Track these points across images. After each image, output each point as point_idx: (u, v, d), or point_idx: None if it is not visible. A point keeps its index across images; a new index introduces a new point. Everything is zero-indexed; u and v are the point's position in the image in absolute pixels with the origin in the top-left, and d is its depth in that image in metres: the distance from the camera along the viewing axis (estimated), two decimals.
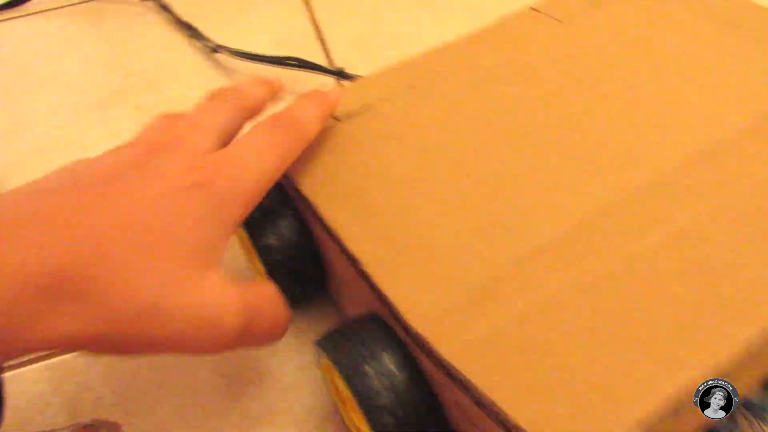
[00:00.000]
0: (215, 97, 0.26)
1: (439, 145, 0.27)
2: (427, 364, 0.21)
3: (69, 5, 0.56)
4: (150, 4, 0.54)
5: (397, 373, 0.21)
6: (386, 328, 0.22)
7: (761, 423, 0.25)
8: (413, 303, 0.21)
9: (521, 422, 0.17)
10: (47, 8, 0.56)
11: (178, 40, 0.51)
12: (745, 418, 0.25)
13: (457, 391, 0.19)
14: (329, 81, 0.43)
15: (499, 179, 0.24)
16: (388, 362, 0.21)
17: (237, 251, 0.33)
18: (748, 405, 0.25)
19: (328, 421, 0.27)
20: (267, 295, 0.23)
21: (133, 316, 0.19)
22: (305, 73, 0.43)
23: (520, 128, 0.27)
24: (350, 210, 0.25)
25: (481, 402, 0.18)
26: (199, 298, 0.20)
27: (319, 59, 0.45)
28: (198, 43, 0.49)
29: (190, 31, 0.49)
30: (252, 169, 0.22)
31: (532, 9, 0.34)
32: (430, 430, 0.22)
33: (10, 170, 0.41)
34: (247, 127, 0.25)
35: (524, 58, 0.31)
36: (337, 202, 0.25)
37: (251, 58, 0.44)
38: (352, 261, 0.23)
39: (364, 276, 0.23)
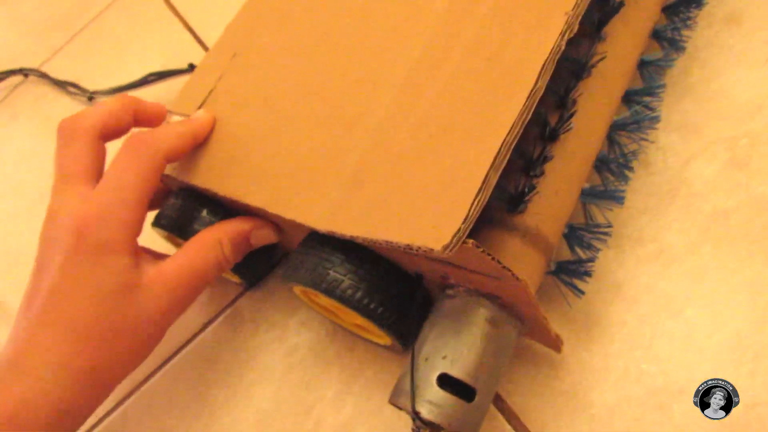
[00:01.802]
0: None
1: (269, 95, 0.32)
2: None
3: None
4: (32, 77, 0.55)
5: (345, 259, 0.27)
6: (320, 239, 0.28)
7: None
8: (311, 212, 0.27)
9: (416, 242, 0.22)
10: None
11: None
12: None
13: (378, 247, 0.26)
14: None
15: (317, 100, 0.30)
16: (336, 259, 0.27)
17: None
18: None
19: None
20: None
21: None
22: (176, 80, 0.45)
23: (320, 59, 0.32)
24: (232, 176, 0.30)
25: (390, 244, 0.24)
26: None
27: None
28: (82, 97, 0.51)
29: (69, 87, 0.51)
30: (118, 196, 0.28)
31: None
32: (393, 286, 0.27)
33: None
34: None
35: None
36: (221, 176, 0.31)
37: (123, 89, 0.47)
38: (257, 210, 0.29)
39: (275, 216, 0.29)
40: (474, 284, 0.26)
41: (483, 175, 0.22)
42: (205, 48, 0.49)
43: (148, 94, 0.45)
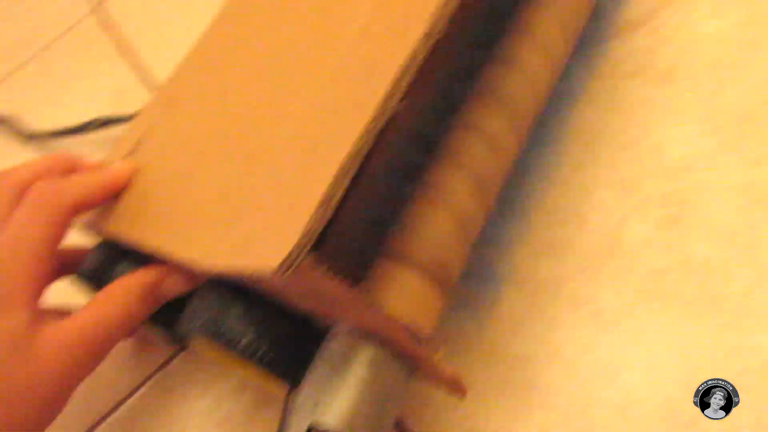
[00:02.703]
0: None
1: (190, 143, 0.31)
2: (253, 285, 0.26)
3: None
4: None
5: (240, 307, 0.26)
6: (211, 286, 0.27)
7: None
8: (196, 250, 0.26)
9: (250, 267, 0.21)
10: None
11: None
12: None
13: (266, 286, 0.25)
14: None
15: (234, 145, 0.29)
16: (233, 309, 0.26)
17: None
18: None
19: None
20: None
21: None
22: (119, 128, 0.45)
23: (243, 105, 0.31)
24: (144, 224, 0.29)
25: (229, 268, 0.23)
26: None
27: None
28: (21, 136, 0.49)
29: (5, 125, 0.50)
30: (16, 251, 0.26)
31: None
32: (286, 329, 0.26)
33: None
34: None
35: (251, 26, 0.35)
36: (133, 224, 0.30)
37: (64, 134, 0.46)
38: (163, 256, 0.28)
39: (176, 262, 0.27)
40: (351, 321, 0.24)
41: (323, 188, 0.20)
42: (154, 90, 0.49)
43: (89, 141, 0.44)
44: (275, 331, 0.26)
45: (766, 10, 0.33)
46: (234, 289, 0.26)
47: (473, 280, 0.31)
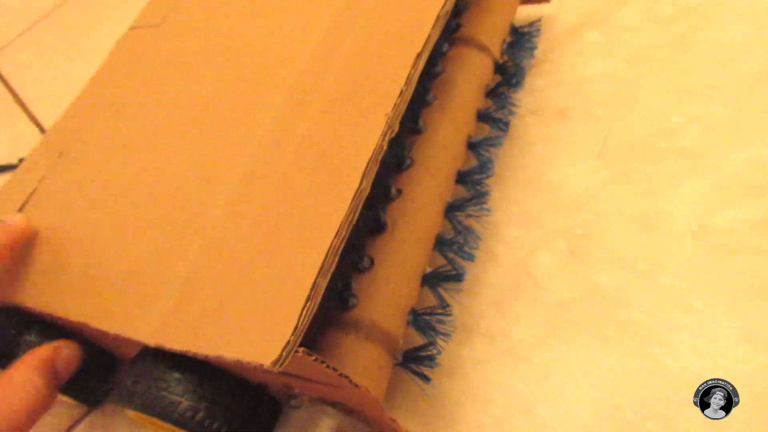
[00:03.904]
0: None
1: (95, 198, 0.30)
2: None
3: None
4: None
5: (181, 377, 0.24)
6: (153, 355, 0.25)
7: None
8: (138, 325, 0.24)
9: (246, 357, 0.21)
10: None
11: None
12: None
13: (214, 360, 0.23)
14: None
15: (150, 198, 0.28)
16: (171, 378, 0.24)
17: None
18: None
19: None
20: None
21: None
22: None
23: (153, 159, 0.30)
24: (51, 289, 0.27)
25: (221, 359, 0.22)
26: None
27: None
28: None
29: None
30: None
31: (132, 28, 0.38)
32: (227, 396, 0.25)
33: None
34: None
35: (142, 75, 0.34)
36: (39, 289, 0.27)
37: None
38: (80, 325, 0.26)
39: (98, 332, 0.25)
40: (317, 392, 0.24)
41: (311, 282, 0.21)
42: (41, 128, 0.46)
43: None
44: (228, 404, 0.24)
45: (647, 48, 0.36)
46: (180, 360, 0.25)
47: None
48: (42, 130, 0.48)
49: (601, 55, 0.36)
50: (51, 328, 0.29)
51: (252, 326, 0.21)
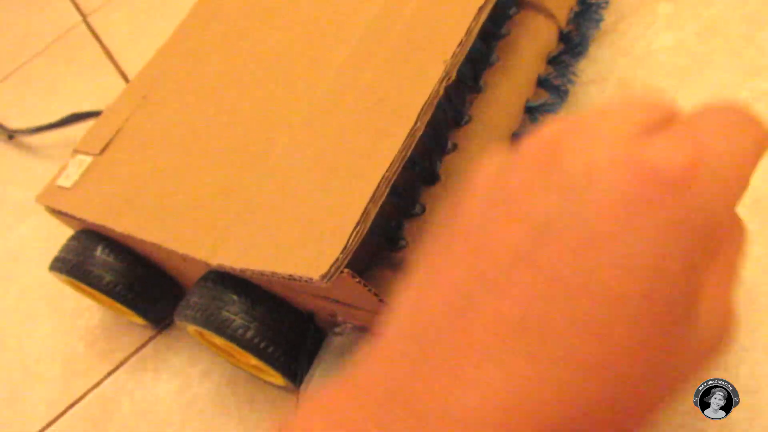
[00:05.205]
0: None
1: (174, 136, 0.32)
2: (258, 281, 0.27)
3: None
4: None
5: (237, 298, 0.26)
6: (215, 278, 0.27)
7: None
8: (200, 245, 0.27)
9: (297, 272, 0.22)
10: None
11: None
12: None
13: (267, 283, 0.26)
14: None
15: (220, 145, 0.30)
16: (228, 298, 0.26)
17: None
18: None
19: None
20: None
21: None
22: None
23: (227, 102, 0.32)
24: (129, 214, 0.30)
25: (274, 275, 0.24)
26: None
27: None
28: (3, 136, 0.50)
29: None
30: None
31: None
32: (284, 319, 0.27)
33: None
34: None
35: (221, 27, 0.36)
36: (118, 214, 0.30)
37: (43, 129, 0.46)
38: (152, 245, 0.29)
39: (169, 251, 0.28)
40: (360, 321, 0.25)
41: (362, 208, 0.23)
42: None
43: (67, 134, 0.44)
44: (277, 326, 0.27)
45: (720, 22, 0.35)
46: (237, 284, 0.27)
47: None
48: (128, 82, 0.51)
49: (672, 27, 0.36)
50: (118, 247, 0.32)
51: (305, 246, 0.23)
